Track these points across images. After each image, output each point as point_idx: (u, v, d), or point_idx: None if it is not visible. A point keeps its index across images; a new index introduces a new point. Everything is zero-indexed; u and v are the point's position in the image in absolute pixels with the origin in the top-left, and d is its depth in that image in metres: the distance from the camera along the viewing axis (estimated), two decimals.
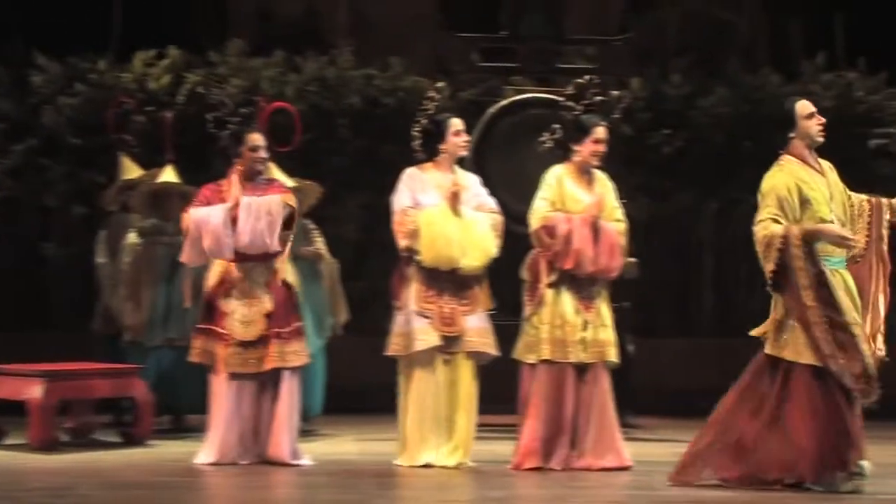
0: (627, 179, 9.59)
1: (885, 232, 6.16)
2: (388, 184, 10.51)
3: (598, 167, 6.82)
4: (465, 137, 6.88)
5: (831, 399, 5.88)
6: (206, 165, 8.48)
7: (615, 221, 6.70)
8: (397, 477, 6.45)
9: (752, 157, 10.40)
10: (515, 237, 10.15)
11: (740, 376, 6.17)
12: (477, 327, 6.67)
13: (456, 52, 8.88)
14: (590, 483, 6.24)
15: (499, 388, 7.09)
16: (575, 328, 6.57)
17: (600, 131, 6.74)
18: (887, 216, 6.16)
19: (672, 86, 10.53)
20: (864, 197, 6.25)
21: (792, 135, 6.19)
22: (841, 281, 5.99)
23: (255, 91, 9.71)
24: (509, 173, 8.61)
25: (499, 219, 6.85)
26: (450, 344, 6.61)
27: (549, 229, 6.56)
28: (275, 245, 6.68)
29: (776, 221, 5.94)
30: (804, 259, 5.90)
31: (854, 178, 7.22)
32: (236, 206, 6.64)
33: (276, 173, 7.58)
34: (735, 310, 10.64)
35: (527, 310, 6.67)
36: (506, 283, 10.51)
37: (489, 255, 6.72)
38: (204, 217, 6.65)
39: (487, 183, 8.49)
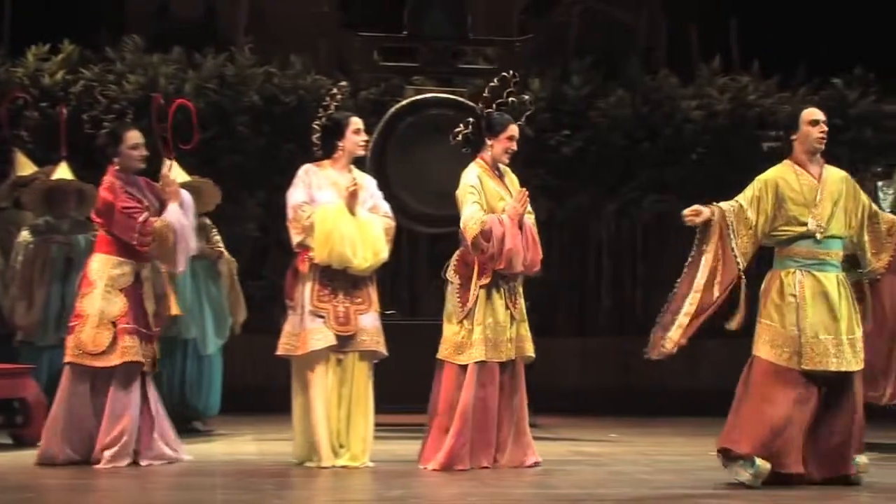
0: (527, 180, 9.67)
1: None
2: (288, 182, 10.45)
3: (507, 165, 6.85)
4: (363, 136, 6.87)
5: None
6: (101, 162, 8.35)
7: (528, 214, 6.74)
8: (295, 477, 6.42)
9: (650, 159, 10.58)
10: (415, 237, 10.22)
11: None
12: (370, 327, 6.64)
13: (357, 51, 8.85)
14: (491, 482, 6.26)
15: (395, 388, 7.10)
16: (505, 327, 6.62)
17: (514, 129, 6.77)
18: None
19: (572, 87, 10.62)
20: (894, 219, 6.39)
21: (793, 137, 6.29)
22: (811, 284, 6.12)
23: (152, 88, 9.60)
24: (410, 173, 8.63)
25: (391, 223, 6.84)
26: (343, 343, 6.58)
27: (485, 234, 6.53)
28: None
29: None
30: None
31: (746, 180, 7.37)
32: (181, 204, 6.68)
33: (177, 171, 7.49)
34: (632, 310, 10.78)
35: (457, 312, 6.59)
36: (405, 283, 10.57)
37: (380, 258, 6.70)
38: (179, 221, 6.63)
39: (388, 183, 8.50)
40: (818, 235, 6.17)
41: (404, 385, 6.97)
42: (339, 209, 6.59)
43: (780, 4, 11.02)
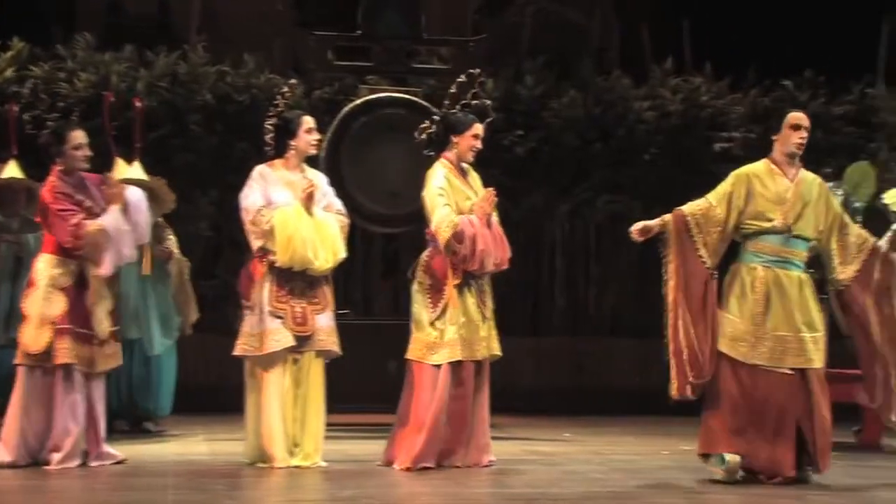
0: (480, 179, 9.69)
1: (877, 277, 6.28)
2: (241, 182, 10.37)
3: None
4: (316, 136, 6.85)
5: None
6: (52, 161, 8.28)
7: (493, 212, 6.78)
8: (247, 477, 6.39)
9: (603, 159, 10.62)
10: (369, 237, 10.21)
11: None
12: (326, 326, 6.64)
13: (311, 50, 8.82)
14: (444, 482, 6.26)
15: (348, 388, 7.09)
16: (479, 326, 6.65)
17: (479, 127, 6.80)
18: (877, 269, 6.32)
19: (525, 87, 10.65)
20: (867, 239, 6.40)
21: (774, 137, 6.36)
22: (773, 281, 6.18)
23: (104, 86, 9.53)
24: (363, 173, 8.61)
25: (346, 221, 6.85)
26: (301, 343, 6.57)
27: (457, 236, 6.54)
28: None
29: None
30: None
31: (699, 181, 7.42)
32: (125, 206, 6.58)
33: (134, 169, 7.42)
34: (585, 310, 10.82)
35: (428, 313, 6.59)
36: (358, 282, 10.55)
37: (339, 258, 6.71)
38: (116, 225, 6.53)
39: (341, 183, 8.48)
40: (785, 233, 6.23)
41: (357, 385, 6.97)
42: (297, 211, 6.57)
43: (730, 6, 11.11)
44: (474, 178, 6.86)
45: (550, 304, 10.85)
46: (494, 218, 6.74)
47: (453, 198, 6.64)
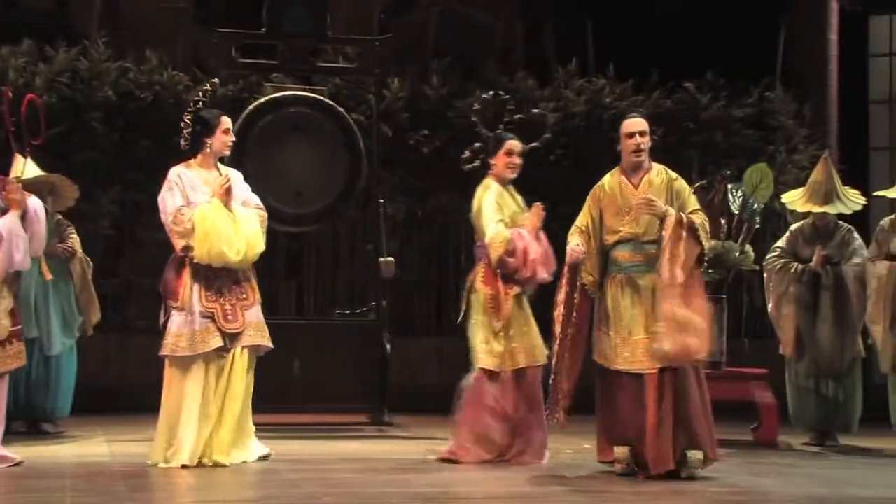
0: (386, 179, 9.69)
1: (678, 249, 6.31)
2: (143, 179, 10.29)
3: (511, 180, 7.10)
4: (232, 137, 6.89)
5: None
6: None
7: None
8: (148, 478, 6.31)
9: None
10: (274, 235, 10.10)
11: None
12: (256, 321, 6.69)
13: (214, 47, 8.73)
14: (345, 481, 6.25)
15: (270, 387, 7.09)
16: (535, 333, 6.91)
17: (511, 144, 7.09)
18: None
19: (431, 87, 10.67)
20: (672, 215, 6.43)
21: (619, 147, 6.57)
22: (629, 286, 6.33)
23: (1, 81, 9.34)
24: (268, 172, 8.55)
25: (265, 214, 6.89)
26: (230, 341, 6.58)
27: (509, 251, 6.81)
28: None
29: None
30: None
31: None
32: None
33: (31, 167, 7.30)
34: None
35: (493, 322, 6.81)
36: (263, 281, 10.46)
37: (256, 251, 6.72)
38: (10, 230, 6.44)
39: (246, 181, 8.42)
40: (634, 240, 6.39)
41: (260, 384, 6.91)
42: (216, 206, 6.58)
43: (634, 9, 11.22)
44: (512, 192, 7.13)
45: (454, 305, 10.86)
46: (542, 233, 6.97)
47: (505, 212, 6.93)
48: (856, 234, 8.26)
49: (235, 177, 6.83)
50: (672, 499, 5.84)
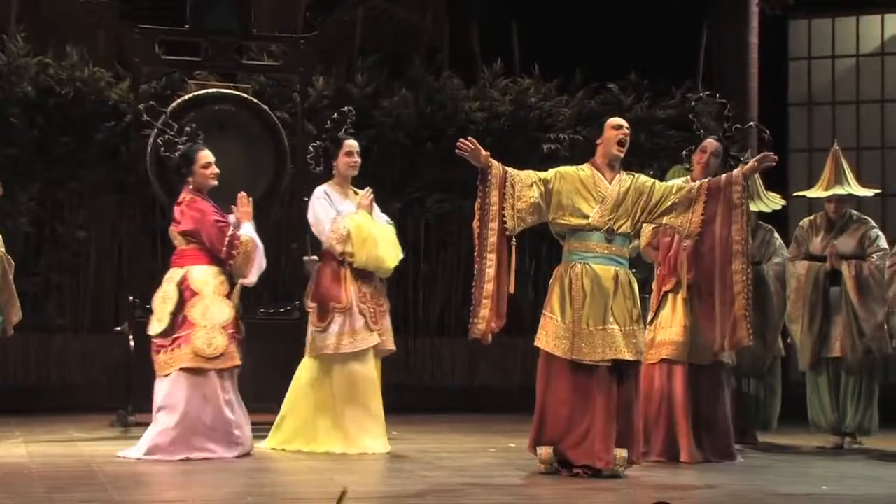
0: (310, 178, 9.64)
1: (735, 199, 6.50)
2: (63, 176, 10.17)
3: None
4: (356, 158, 7.36)
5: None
6: None
7: None
8: (67, 479, 6.22)
9: (434, 158, 10.68)
10: None
11: None
12: (388, 326, 7.24)
13: (137, 43, 8.64)
14: (269, 480, 6.22)
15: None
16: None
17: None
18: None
19: (356, 85, 10.64)
20: (704, 181, 6.62)
21: (598, 141, 6.55)
22: (590, 277, 6.35)
23: None
24: None
25: (393, 228, 7.39)
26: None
27: (653, 244, 7.27)
28: None
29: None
30: None
31: None
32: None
33: None
34: (415, 309, 10.87)
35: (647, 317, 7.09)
36: None
37: (399, 258, 7.27)
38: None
39: (168, 180, 8.35)
40: (601, 230, 6.38)
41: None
42: (365, 216, 7.17)
43: (559, 9, 11.29)
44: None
45: None
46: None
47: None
48: (776, 235, 8.38)
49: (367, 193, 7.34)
50: (592, 496, 5.88)
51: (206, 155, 7.04)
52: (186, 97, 8.77)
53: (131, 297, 8.49)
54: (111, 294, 10.08)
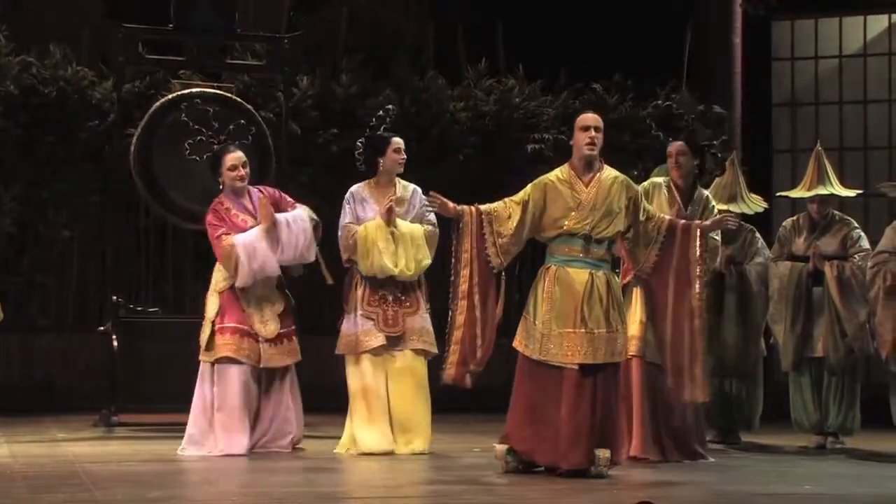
0: (295, 178, 9.63)
1: (691, 254, 6.48)
2: (46, 175, 10.14)
3: None
4: (403, 156, 7.34)
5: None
6: None
7: None
8: (49, 480, 6.21)
9: (418, 158, 10.66)
10: (182, 234, 10.03)
11: None
12: (419, 327, 7.27)
13: (121, 42, 8.62)
14: (252, 482, 6.21)
15: (155, 387, 6.99)
16: None
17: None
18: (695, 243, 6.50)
19: (340, 85, 10.63)
20: (665, 219, 6.59)
21: (571, 143, 6.56)
22: (563, 279, 6.35)
23: None
24: (176, 169, 8.47)
25: (432, 230, 7.34)
26: (394, 343, 7.22)
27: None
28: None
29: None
30: None
31: (511, 181, 7.53)
32: (274, 224, 7.09)
33: None
34: None
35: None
36: (169, 281, 10.36)
37: (422, 264, 7.28)
38: (251, 241, 7.02)
39: (153, 179, 8.35)
40: (578, 235, 6.39)
41: (167, 384, 6.88)
42: (377, 225, 7.21)
43: (543, 9, 11.30)
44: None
45: None
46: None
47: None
48: (758, 235, 8.41)
49: (412, 193, 7.36)
50: (578, 496, 5.89)
51: (232, 157, 7.20)
52: (170, 97, 8.74)
53: (115, 297, 8.47)
54: (95, 294, 10.05)
